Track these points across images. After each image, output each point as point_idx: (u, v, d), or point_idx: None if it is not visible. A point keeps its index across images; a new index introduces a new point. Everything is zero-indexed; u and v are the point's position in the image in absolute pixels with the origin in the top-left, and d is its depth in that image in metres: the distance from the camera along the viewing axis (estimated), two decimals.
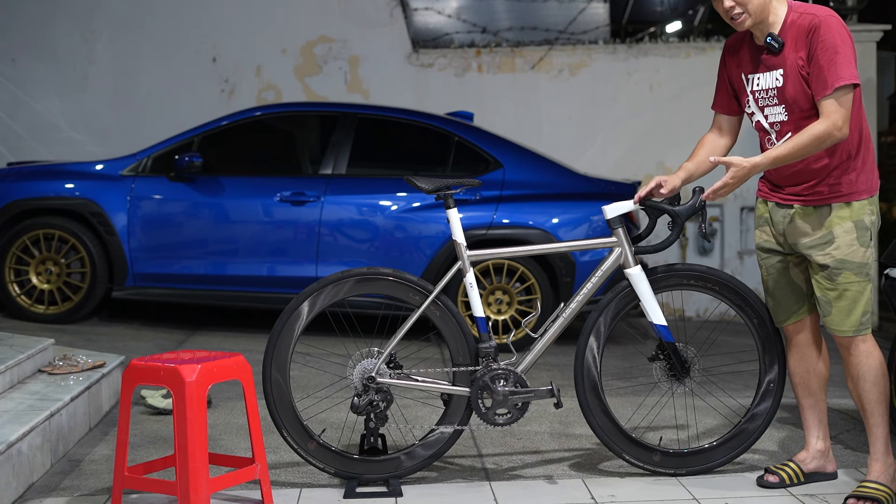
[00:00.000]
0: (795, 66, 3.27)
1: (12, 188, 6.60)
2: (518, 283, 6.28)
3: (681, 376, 3.62)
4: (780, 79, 3.32)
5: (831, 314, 3.36)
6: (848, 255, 3.32)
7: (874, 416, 3.37)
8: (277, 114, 6.91)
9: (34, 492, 3.43)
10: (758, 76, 3.39)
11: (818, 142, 3.21)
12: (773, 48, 3.31)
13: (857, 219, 3.33)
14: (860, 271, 3.33)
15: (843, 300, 3.34)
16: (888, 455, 3.39)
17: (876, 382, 3.35)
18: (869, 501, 3.28)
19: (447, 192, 3.50)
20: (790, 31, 3.29)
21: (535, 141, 7.62)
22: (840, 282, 3.33)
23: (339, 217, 6.35)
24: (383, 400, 3.45)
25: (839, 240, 3.32)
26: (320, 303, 3.49)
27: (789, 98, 3.31)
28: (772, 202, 3.49)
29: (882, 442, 3.38)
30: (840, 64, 3.18)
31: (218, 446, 3.96)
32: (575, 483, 3.56)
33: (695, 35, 9.71)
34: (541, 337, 3.58)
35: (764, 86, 3.38)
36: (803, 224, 3.39)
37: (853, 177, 3.33)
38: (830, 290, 3.36)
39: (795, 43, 3.27)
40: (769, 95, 3.37)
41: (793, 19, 3.29)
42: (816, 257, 3.36)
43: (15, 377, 4.10)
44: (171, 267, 6.43)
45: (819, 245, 3.36)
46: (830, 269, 3.34)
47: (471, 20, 8.98)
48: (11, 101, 8.49)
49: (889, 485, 3.35)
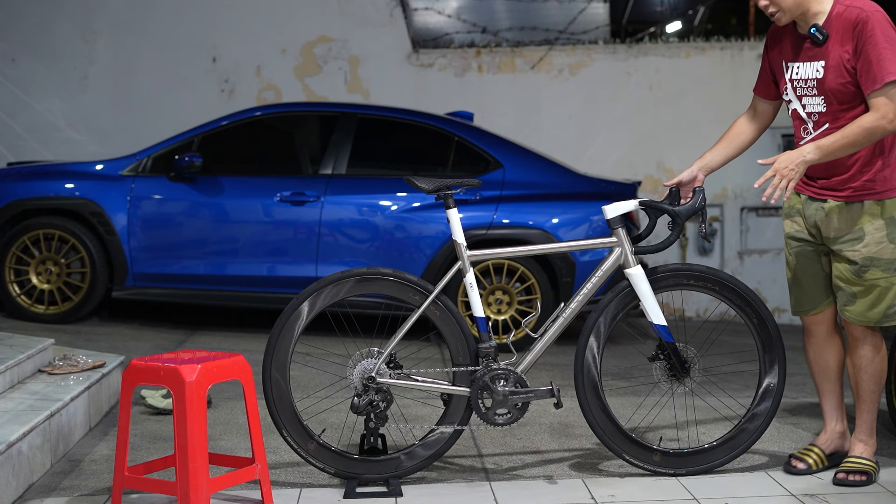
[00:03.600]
0: (840, 59, 3.28)
1: (12, 188, 6.60)
2: (518, 283, 6.28)
3: (681, 376, 3.62)
4: (820, 70, 3.34)
5: (854, 305, 3.44)
6: (877, 253, 3.38)
7: (867, 404, 3.56)
8: (277, 114, 6.91)
9: (34, 492, 3.43)
10: (798, 65, 3.41)
11: (869, 133, 3.24)
12: (816, 40, 3.32)
13: (889, 216, 3.38)
14: (889, 267, 3.39)
15: (869, 294, 3.42)
16: (872, 438, 3.60)
17: (874, 375, 3.52)
18: (858, 474, 3.49)
19: (447, 192, 3.50)
20: (836, 23, 3.29)
21: (535, 141, 7.61)
22: (867, 278, 3.40)
23: (339, 217, 6.34)
24: (383, 400, 3.45)
25: (869, 237, 3.38)
26: (320, 303, 3.49)
27: (829, 90, 3.33)
28: (805, 195, 3.52)
29: (869, 426, 3.59)
30: (890, 59, 3.19)
31: (218, 446, 3.96)
32: (575, 483, 3.56)
33: (695, 35, 9.72)
34: (541, 337, 3.58)
35: (803, 75, 3.39)
36: (835, 219, 3.43)
37: (887, 174, 3.38)
38: (856, 285, 3.43)
39: (841, 36, 3.28)
40: (808, 86, 3.39)
41: (839, 11, 3.29)
42: (846, 253, 3.42)
43: (15, 377, 4.10)
44: (171, 267, 6.43)
45: (849, 241, 3.41)
46: (859, 265, 3.40)
47: (471, 20, 8.98)
48: (11, 101, 8.49)
49: (872, 460, 3.57)
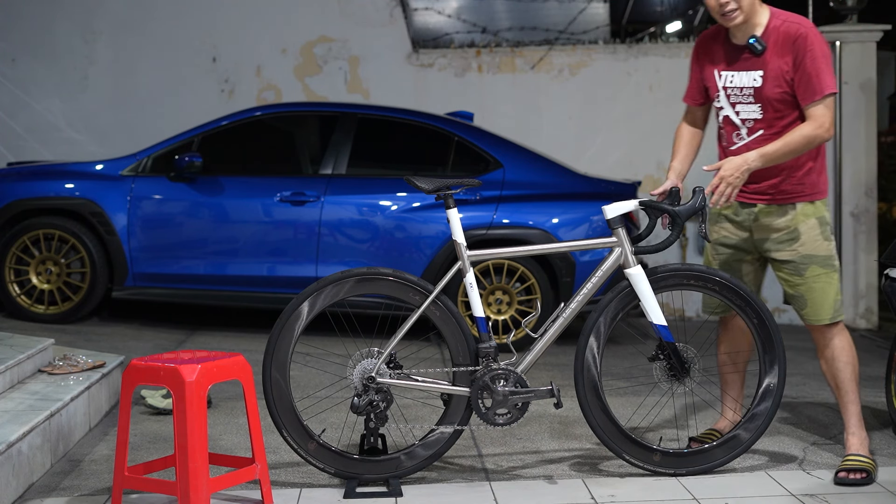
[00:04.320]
0: (779, 70, 3.49)
1: (12, 188, 6.60)
2: (518, 283, 6.28)
3: (681, 376, 3.62)
4: (758, 79, 3.53)
5: (807, 307, 3.63)
6: (813, 250, 3.60)
7: (848, 395, 3.65)
8: (277, 114, 6.91)
9: (34, 492, 3.43)
10: (732, 74, 3.59)
11: (808, 141, 3.46)
12: (755, 49, 3.52)
13: (820, 215, 3.62)
14: (826, 263, 3.61)
15: (813, 292, 3.61)
16: (862, 429, 3.68)
17: (848, 362, 3.64)
18: (858, 472, 3.52)
19: (447, 192, 3.50)
20: (773, 35, 3.51)
21: (535, 141, 7.61)
22: (808, 275, 3.60)
23: (339, 217, 6.34)
24: (383, 400, 3.45)
25: (805, 236, 3.59)
26: (320, 303, 3.49)
27: (766, 98, 3.53)
28: (736, 201, 3.67)
29: (856, 417, 3.67)
30: (827, 73, 3.45)
31: (218, 446, 3.96)
32: (575, 483, 3.56)
33: (695, 35, 9.70)
34: (541, 337, 3.58)
35: (739, 84, 3.58)
36: (768, 222, 3.63)
37: (815, 177, 3.60)
38: (800, 285, 3.61)
39: (780, 48, 3.50)
40: (744, 94, 3.57)
41: (776, 25, 3.52)
42: (781, 254, 3.62)
43: (15, 377, 4.10)
44: (171, 267, 6.43)
45: (786, 241, 3.62)
46: (796, 263, 3.59)
47: (471, 20, 8.97)
48: (11, 101, 8.48)
49: (869, 456, 3.64)
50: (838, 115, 8.15)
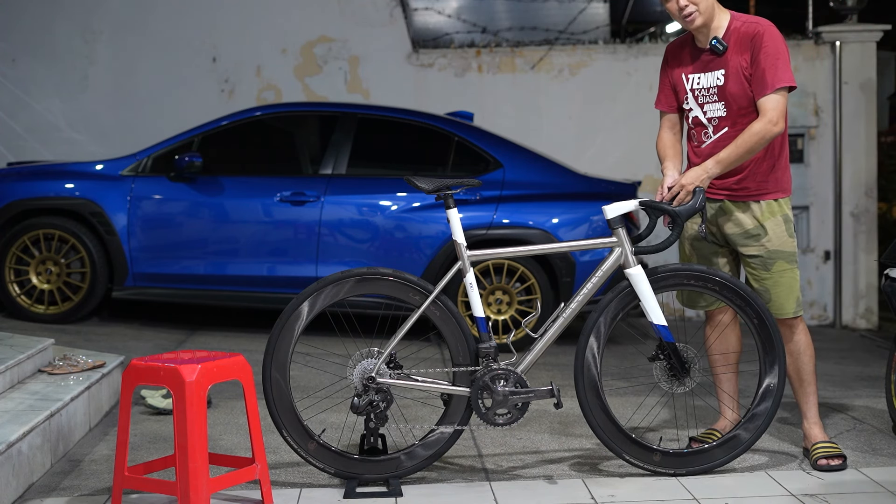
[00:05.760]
0: (738, 67, 3.63)
1: (12, 188, 6.60)
2: (518, 283, 6.28)
3: (681, 376, 3.62)
4: (721, 78, 3.67)
5: (772, 300, 3.73)
6: (780, 246, 3.71)
7: (810, 386, 3.81)
8: (277, 114, 6.91)
9: (34, 492, 3.43)
10: (699, 76, 3.75)
11: (759, 138, 3.55)
12: (717, 50, 3.67)
13: (784, 213, 3.73)
14: (791, 259, 3.74)
15: (779, 287, 3.72)
16: (819, 417, 3.86)
17: (812, 356, 3.81)
18: (836, 458, 3.67)
19: (447, 192, 3.51)
20: (734, 35, 3.65)
21: (535, 141, 7.61)
22: (775, 270, 3.72)
23: (339, 217, 6.34)
24: (383, 400, 3.45)
25: (771, 232, 3.70)
26: (320, 303, 3.49)
27: (729, 95, 3.66)
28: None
29: (816, 408, 3.85)
30: (781, 68, 3.57)
31: (218, 446, 3.96)
32: (575, 483, 3.56)
33: None
34: (541, 337, 3.58)
35: (705, 84, 3.72)
36: (734, 217, 3.73)
37: (778, 175, 3.72)
38: (766, 279, 3.72)
39: (740, 47, 3.63)
40: (710, 93, 3.71)
41: (736, 26, 3.66)
42: (749, 249, 3.72)
43: (15, 377, 4.10)
44: (171, 267, 6.43)
45: (754, 237, 3.72)
46: (763, 258, 3.71)
47: (471, 20, 8.97)
48: (11, 101, 8.48)
49: (834, 441, 3.84)
50: (838, 115, 8.16)
